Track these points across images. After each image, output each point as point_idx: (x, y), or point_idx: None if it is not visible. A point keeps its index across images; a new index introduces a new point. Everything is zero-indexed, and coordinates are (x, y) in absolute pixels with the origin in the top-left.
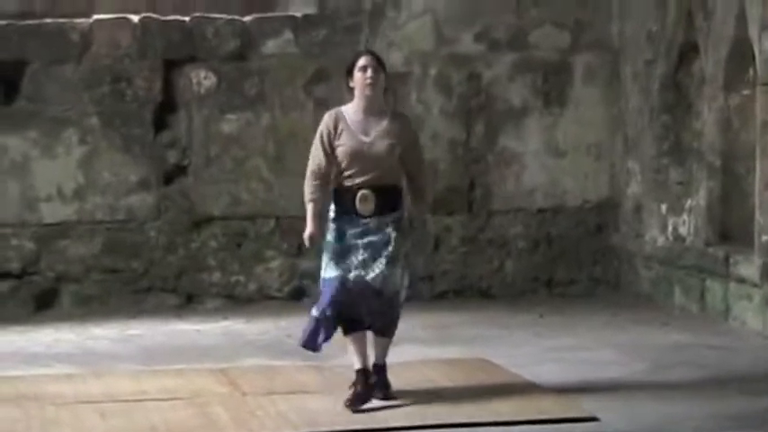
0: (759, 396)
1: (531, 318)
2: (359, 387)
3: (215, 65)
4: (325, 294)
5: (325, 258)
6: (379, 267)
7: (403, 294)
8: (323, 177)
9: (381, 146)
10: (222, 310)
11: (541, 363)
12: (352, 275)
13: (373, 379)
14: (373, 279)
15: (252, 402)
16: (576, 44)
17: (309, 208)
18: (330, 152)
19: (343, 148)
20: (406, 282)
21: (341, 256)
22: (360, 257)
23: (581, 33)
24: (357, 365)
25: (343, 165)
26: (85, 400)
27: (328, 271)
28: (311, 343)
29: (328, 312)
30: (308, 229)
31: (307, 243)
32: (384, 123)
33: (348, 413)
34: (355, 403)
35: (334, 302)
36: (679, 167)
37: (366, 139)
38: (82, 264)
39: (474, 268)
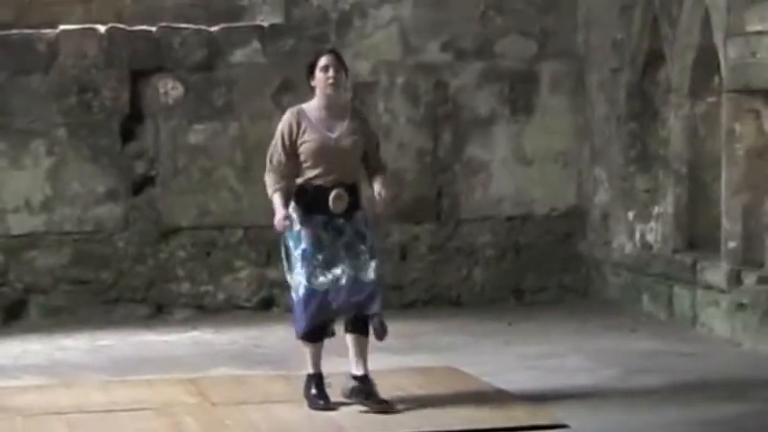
0: (727, 402)
1: (501, 326)
2: (313, 390)
3: (182, 75)
4: (307, 307)
5: (306, 267)
6: (366, 263)
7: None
8: (285, 174)
9: (347, 142)
10: (191, 320)
11: (511, 370)
12: (342, 281)
13: (362, 394)
14: (366, 275)
15: (222, 412)
16: (542, 53)
17: (276, 196)
18: (292, 150)
19: (308, 144)
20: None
21: (326, 267)
22: (346, 260)
23: (547, 42)
24: (312, 370)
25: (310, 162)
26: (55, 412)
27: (312, 282)
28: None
29: (309, 327)
30: (279, 212)
31: (280, 227)
32: (346, 121)
33: (318, 423)
34: (318, 402)
35: (317, 315)
36: (646, 175)
37: (332, 136)
38: (50, 275)
39: (443, 277)
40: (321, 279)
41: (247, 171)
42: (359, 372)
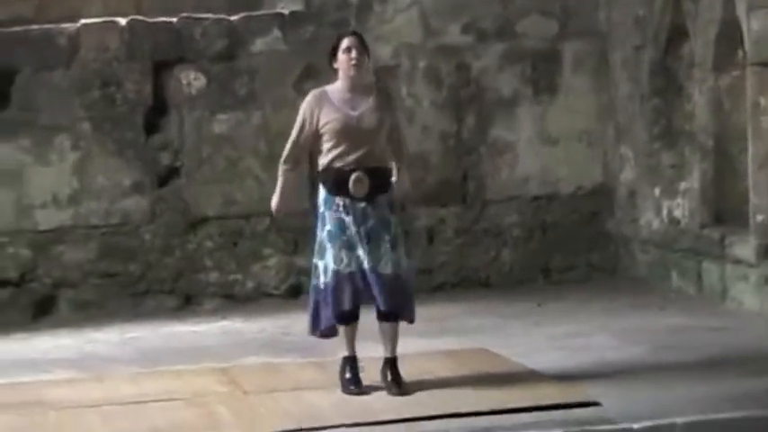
0: (758, 376)
1: (530, 306)
2: (347, 374)
3: (204, 65)
4: (342, 291)
5: (329, 248)
6: (386, 254)
7: (410, 275)
8: (298, 156)
9: (371, 120)
10: (220, 309)
11: (541, 351)
12: (365, 267)
13: (387, 375)
14: (384, 267)
15: (254, 400)
16: (564, 32)
17: (280, 182)
18: (313, 130)
19: (331, 124)
20: (411, 263)
21: (349, 249)
22: (366, 248)
23: (568, 21)
24: (347, 353)
25: (332, 142)
26: (87, 404)
27: (344, 264)
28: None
29: (347, 307)
30: (276, 200)
31: (274, 213)
32: (370, 99)
33: (349, 408)
34: (350, 387)
35: (346, 298)
36: (671, 151)
37: (354, 114)
38: (79, 269)
39: (470, 259)
40: (346, 261)
41: (272, 159)
42: (386, 354)
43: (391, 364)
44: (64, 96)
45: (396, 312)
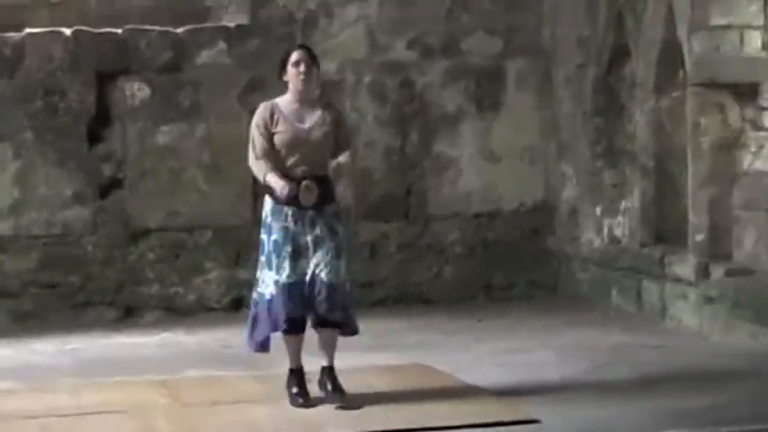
0: (696, 394)
1: (470, 322)
2: (294, 388)
3: (149, 76)
4: (286, 300)
5: (273, 259)
6: (330, 263)
7: (351, 284)
8: (270, 158)
9: (319, 133)
10: (161, 322)
11: (482, 366)
12: (308, 277)
13: (327, 385)
14: (328, 275)
15: (194, 413)
16: (508, 49)
17: (270, 175)
18: (269, 139)
19: (281, 135)
20: (351, 272)
21: (294, 259)
22: (313, 257)
23: (512, 39)
24: (293, 365)
25: (282, 153)
26: (26, 416)
27: (285, 274)
28: (263, 345)
29: (281, 316)
30: (280, 183)
31: (287, 191)
32: (318, 113)
33: (291, 422)
34: (297, 400)
35: (290, 308)
36: (613, 170)
37: (304, 126)
38: (19, 279)
39: (412, 275)
40: (289, 271)
41: (215, 172)
42: (324, 362)
43: (329, 372)
44: (7, 105)
45: (333, 319)
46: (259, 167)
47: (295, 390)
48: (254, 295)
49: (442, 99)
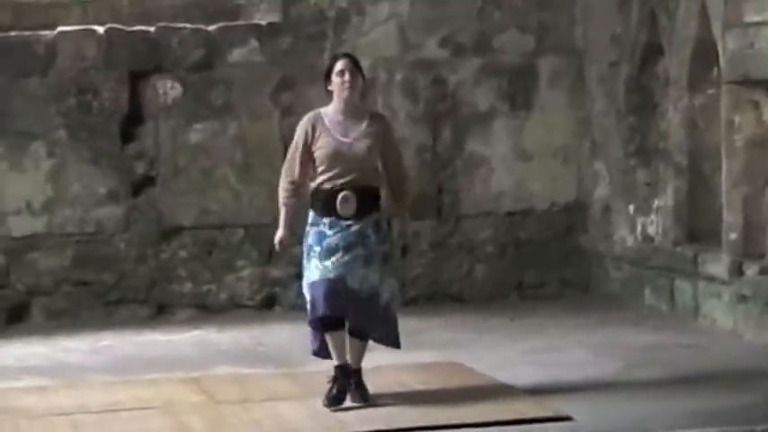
0: (731, 394)
1: (503, 321)
2: (337, 385)
3: (181, 75)
4: (316, 299)
5: (307, 263)
6: (357, 269)
7: (389, 298)
8: (297, 180)
9: (361, 146)
10: (194, 319)
11: (514, 365)
12: (332, 275)
13: (351, 384)
14: (351, 280)
15: (226, 410)
16: (541, 47)
17: (283, 212)
18: (308, 154)
19: (322, 149)
20: (392, 286)
21: (322, 259)
22: (341, 259)
23: (545, 36)
24: (337, 362)
25: (324, 167)
26: (58, 413)
27: (313, 274)
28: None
29: (320, 313)
30: (280, 232)
31: (277, 247)
32: (363, 125)
33: (322, 419)
34: (333, 402)
35: (326, 305)
36: (646, 168)
37: (346, 140)
38: (52, 277)
39: (444, 273)
40: (314, 270)
41: (247, 170)
42: (351, 365)
43: (355, 375)
44: (40, 104)
45: (359, 330)
46: (280, 192)
47: (334, 393)
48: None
49: (475, 97)
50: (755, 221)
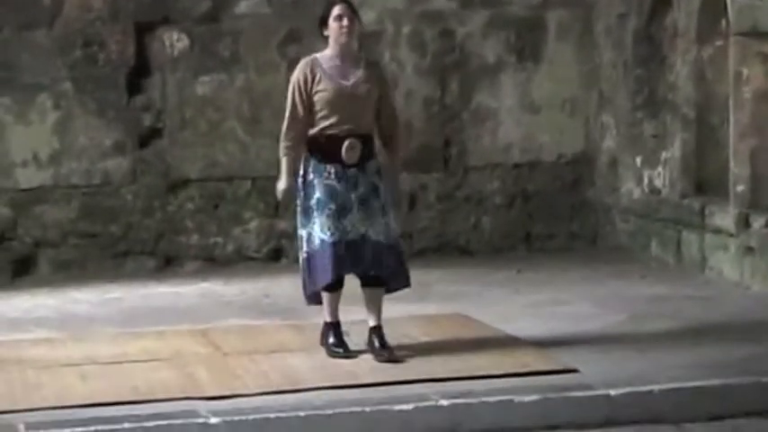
0: (736, 345)
1: (510, 273)
2: (331, 338)
3: (188, 27)
4: (327, 260)
5: (319, 219)
6: (377, 221)
7: (399, 238)
8: (300, 128)
9: (362, 89)
10: (201, 271)
11: (521, 317)
12: (351, 236)
13: (375, 342)
14: (377, 235)
15: (233, 362)
16: (549, 0)
17: (285, 161)
18: (307, 99)
19: (323, 93)
20: (397, 227)
21: (337, 218)
22: (358, 215)
23: None
24: (330, 319)
25: (324, 112)
26: (66, 363)
27: (329, 233)
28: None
29: (331, 278)
30: (283, 182)
31: (279, 196)
32: (360, 70)
33: (329, 370)
34: (335, 350)
35: (339, 267)
36: (653, 120)
37: (347, 83)
38: (59, 229)
39: (451, 225)
40: (334, 229)
41: (255, 122)
42: (371, 323)
43: (378, 331)
44: (46, 56)
45: (384, 278)
46: (282, 141)
47: (332, 340)
48: (300, 255)
49: (482, 49)
50: (763, 174)
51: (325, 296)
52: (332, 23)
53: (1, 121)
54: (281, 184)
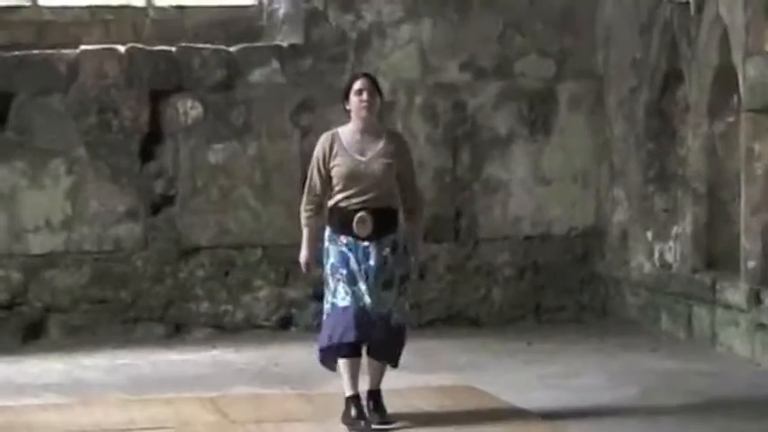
0: (747, 421)
1: (520, 345)
2: (354, 413)
3: (201, 94)
4: (346, 323)
5: (332, 282)
6: (379, 293)
7: (404, 319)
8: (318, 200)
9: (378, 166)
10: (210, 339)
11: (530, 390)
12: (362, 303)
13: (370, 405)
14: (377, 306)
15: (241, 431)
16: (561, 72)
17: (305, 232)
18: (325, 173)
19: (339, 168)
20: (406, 307)
21: (350, 283)
22: (365, 287)
23: (565, 62)
24: (350, 392)
25: (340, 186)
26: (74, 430)
27: (343, 297)
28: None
29: (352, 338)
30: (304, 254)
31: (304, 268)
32: (380, 144)
33: None
34: (359, 425)
35: (356, 331)
36: (665, 194)
37: (362, 159)
38: (70, 294)
39: (461, 296)
40: (343, 294)
41: (266, 190)
42: (370, 387)
43: (375, 396)
44: (61, 121)
45: (383, 353)
46: (302, 212)
47: (355, 414)
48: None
49: (494, 121)
50: None
51: (343, 364)
52: (353, 98)
53: (14, 186)
54: (302, 257)
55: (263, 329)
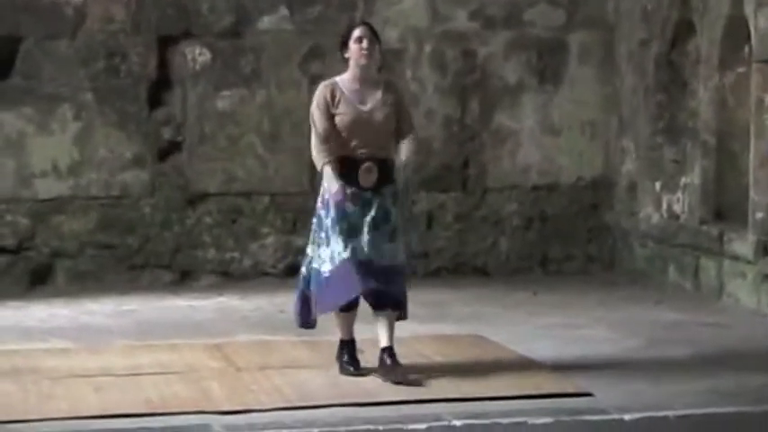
0: (752, 373)
1: (526, 296)
2: (345, 356)
3: (210, 41)
4: (344, 277)
5: (331, 235)
6: (384, 245)
7: (402, 263)
8: (330, 140)
9: (380, 115)
10: (217, 286)
11: (536, 339)
12: (364, 258)
13: (387, 361)
14: (382, 257)
15: (246, 377)
16: (571, 22)
17: (327, 169)
18: (330, 117)
19: (341, 117)
20: (403, 252)
21: (349, 236)
22: (366, 237)
23: (576, 11)
24: (346, 337)
25: (343, 135)
26: (80, 374)
27: (338, 250)
28: (307, 320)
29: (353, 294)
30: (334, 186)
31: (336, 199)
32: (379, 93)
33: (343, 387)
34: (348, 368)
35: (359, 284)
36: (674, 146)
37: (364, 108)
38: (77, 240)
39: (468, 246)
40: (343, 247)
41: (274, 138)
42: (383, 343)
43: (389, 352)
44: (68, 66)
45: (392, 301)
46: (319, 154)
47: (346, 358)
48: (304, 271)
49: (504, 70)
50: None
51: (340, 317)
52: (352, 45)
53: (22, 131)
54: (333, 188)
55: (269, 277)
